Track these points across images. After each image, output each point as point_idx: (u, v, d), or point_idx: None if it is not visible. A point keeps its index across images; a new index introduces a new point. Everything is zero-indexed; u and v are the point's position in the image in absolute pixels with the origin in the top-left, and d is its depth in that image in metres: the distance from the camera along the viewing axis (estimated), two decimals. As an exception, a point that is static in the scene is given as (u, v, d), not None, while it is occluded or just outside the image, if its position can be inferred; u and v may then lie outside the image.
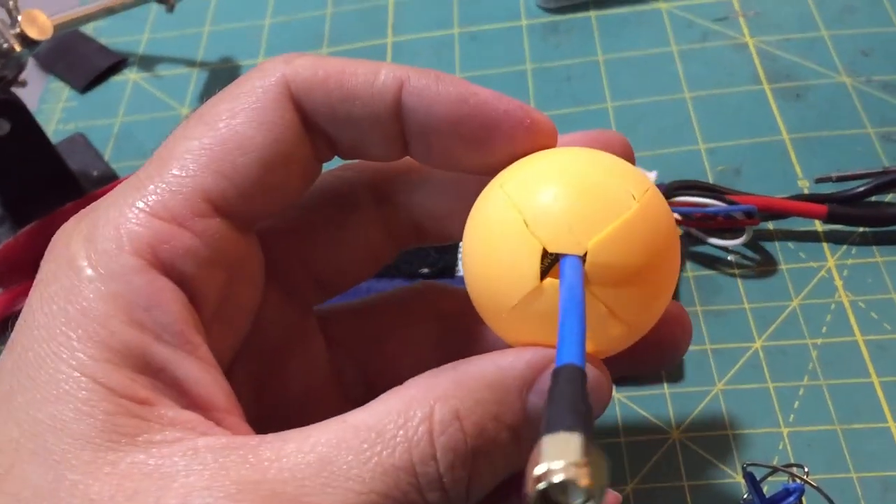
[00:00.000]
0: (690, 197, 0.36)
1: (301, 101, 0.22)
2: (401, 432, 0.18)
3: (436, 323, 0.27)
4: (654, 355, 0.24)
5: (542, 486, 0.15)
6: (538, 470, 0.15)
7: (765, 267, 0.37)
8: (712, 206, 0.36)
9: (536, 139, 0.22)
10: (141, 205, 0.20)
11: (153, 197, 0.21)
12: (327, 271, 0.26)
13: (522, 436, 0.20)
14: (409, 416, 0.19)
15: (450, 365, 0.20)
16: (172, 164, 0.21)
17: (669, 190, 0.36)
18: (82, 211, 0.22)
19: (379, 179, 0.26)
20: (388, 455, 0.18)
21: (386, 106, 0.22)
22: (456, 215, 0.24)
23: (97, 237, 0.20)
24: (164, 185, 0.21)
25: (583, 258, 0.19)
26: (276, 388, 0.25)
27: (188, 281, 0.21)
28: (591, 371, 0.20)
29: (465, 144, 0.22)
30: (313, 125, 0.22)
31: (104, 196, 0.22)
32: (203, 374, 0.20)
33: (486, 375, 0.20)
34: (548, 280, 0.20)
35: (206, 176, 0.21)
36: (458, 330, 0.27)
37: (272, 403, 0.25)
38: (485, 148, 0.22)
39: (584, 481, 0.14)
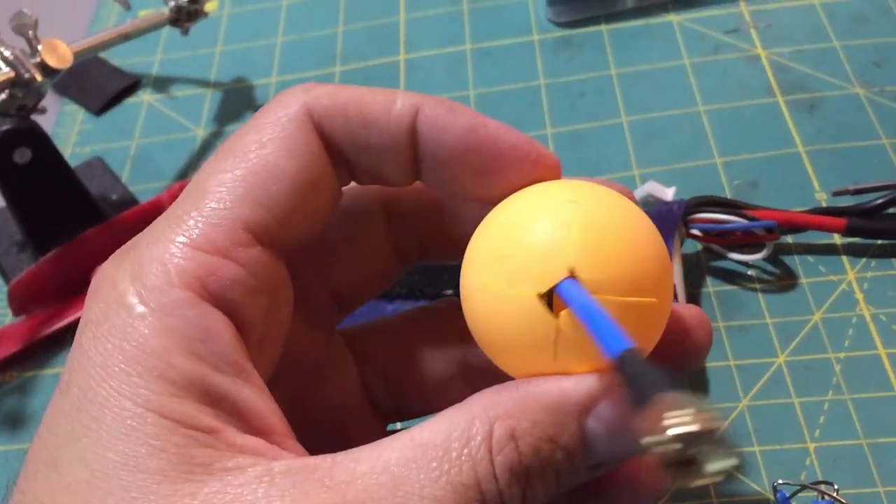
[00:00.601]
0: (710, 213, 0.36)
1: (322, 129, 0.23)
2: (465, 451, 0.19)
3: (458, 337, 0.27)
4: (678, 358, 0.25)
5: (675, 441, 0.15)
6: (668, 425, 0.15)
7: (785, 281, 0.37)
8: (732, 222, 0.36)
9: (541, 173, 0.23)
10: (184, 239, 0.21)
11: (195, 231, 0.21)
12: (343, 287, 0.27)
13: (577, 458, 0.20)
14: (471, 433, 0.19)
15: (513, 383, 0.21)
16: (208, 197, 0.21)
17: (689, 207, 0.37)
18: (120, 251, 0.22)
19: (390, 197, 0.27)
20: (457, 473, 0.19)
21: (402, 132, 0.23)
22: (460, 238, 0.25)
23: (144, 274, 0.21)
24: (203, 219, 0.21)
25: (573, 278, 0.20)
26: (310, 408, 0.26)
27: (236, 310, 0.21)
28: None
29: (472, 173, 0.23)
30: (334, 151, 0.23)
31: (141, 235, 0.22)
32: (260, 401, 0.21)
33: (546, 398, 0.20)
34: (559, 314, 0.20)
35: (243, 206, 0.21)
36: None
37: (307, 423, 0.25)
38: (492, 178, 0.23)
39: (708, 426, 0.15)
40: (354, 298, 0.28)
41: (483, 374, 0.26)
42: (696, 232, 0.37)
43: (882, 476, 0.31)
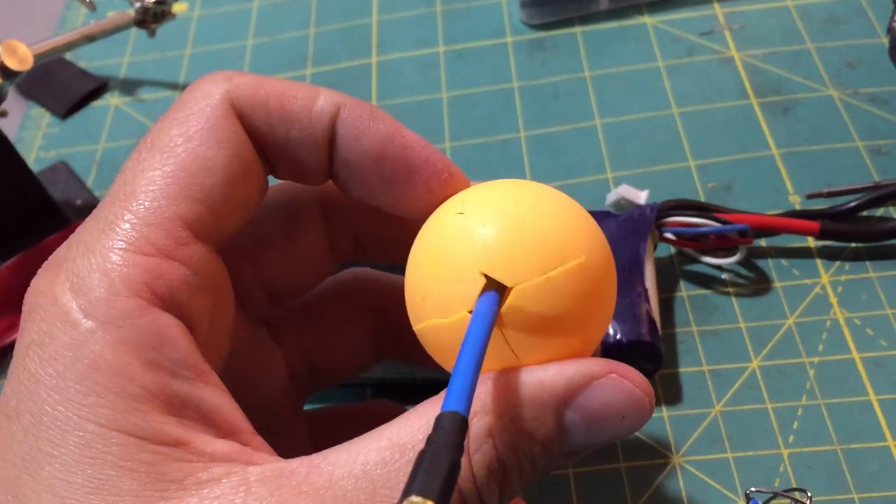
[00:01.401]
0: (683, 217, 0.36)
1: (244, 119, 0.22)
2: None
3: (369, 313, 0.28)
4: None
5: None
6: None
7: (759, 285, 0.37)
8: (706, 226, 0.36)
9: (450, 191, 0.23)
10: (122, 244, 0.20)
11: (133, 234, 0.20)
12: (277, 283, 0.27)
13: (554, 450, 0.20)
14: None
15: (488, 375, 0.20)
16: (140, 197, 0.21)
17: (662, 210, 0.36)
18: (49, 264, 0.21)
19: (326, 194, 0.27)
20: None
21: (321, 130, 0.22)
22: (396, 238, 0.25)
23: (86, 286, 0.20)
24: (138, 220, 0.20)
25: (505, 296, 0.20)
26: (247, 397, 0.25)
27: (184, 311, 0.21)
28: (631, 389, 0.20)
29: (382, 181, 0.23)
30: (255, 142, 0.23)
31: (68, 244, 0.21)
32: (222, 401, 0.20)
33: (525, 391, 0.20)
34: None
35: (179, 203, 0.21)
36: (390, 318, 0.27)
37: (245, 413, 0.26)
38: (400, 189, 0.23)
39: None
40: (288, 293, 0.28)
41: (394, 337, 0.27)
42: (669, 236, 0.36)
43: (856, 482, 0.31)
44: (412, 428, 0.19)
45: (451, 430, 0.17)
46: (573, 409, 0.20)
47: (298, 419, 0.28)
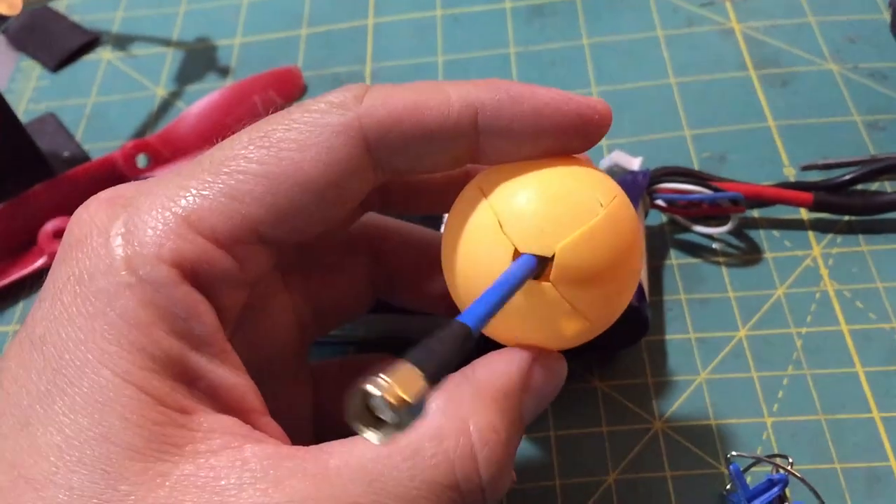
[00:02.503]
0: (676, 184, 0.36)
1: (372, 144, 0.21)
2: (440, 450, 0.19)
3: (368, 254, 0.28)
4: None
5: (357, 394, 0.16)
6: (366, 382, 0.16)
7: (750, 255, 0.36)
8: (698, 193, 0.35)
9: (600, 129, 0.23)
10: (187, 216, 0.20)
11: (202, 213, 0.20)
12: (320, 308, 0.27)
13: (522, 432, 0.22)
14: (443, 435, 0.20)
15: (460, 377, 0.21)
16: (227, 178, 0.20)
17: (654, 177, 0.36)
18: (112, 197, 0.21)
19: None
20: (432, 473, 0.19)
21: (463, 139, 0.22)
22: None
23: (139, 240, 0.20)
24: (213, 204, 0.20)
25: (551, 260, 0.21)
26: (256, 349, 0.25)
27: (217, 297, 0.21)
28: (548, 364, 0.23)
29: (535, 145, 0.22)
30: (378, 163, 0.22)
31: (140, 186, 0.21)
32: (237, 380, 0.21)
33: (499, 386, 0.21)
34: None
35: (261, 208, 0.21)
36: (389, 259, 0.28)
37: (251, 361, 0.26)
38: (552, 143, 0.22)
39: (391, 399, 0.16)
40: (328, 322, 0.28)
41: (389, 278, 0.28)
42: (660, 202, 0.36)
43: (839, 452, 0.31)
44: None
45: (455, 334, 0.18)
46: (528, 392, 0.22)
47: (304, 369, 0.28)
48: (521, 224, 0.21)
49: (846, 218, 0.37)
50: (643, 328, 0.32)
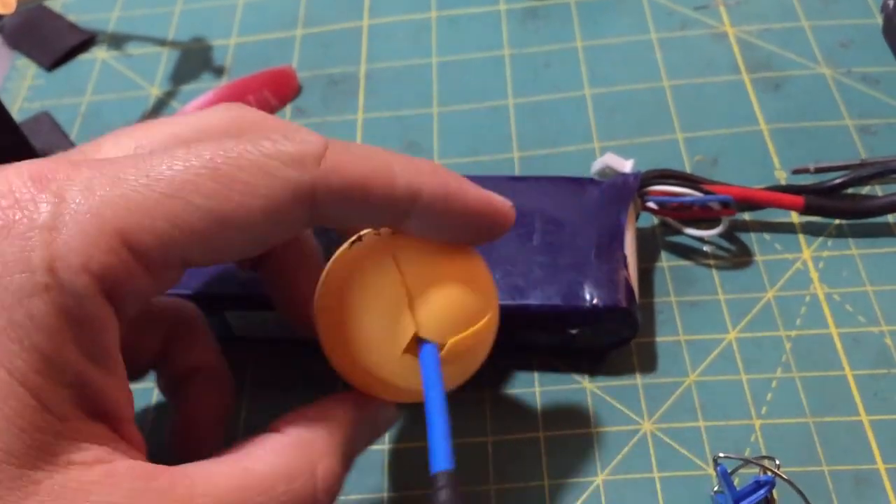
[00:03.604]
0: (666, 186, 0.36)
1: (318, 205, 0.22)
2: (290, 489, 0.22)
3: None
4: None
5: None
6: None
7: (740, 258, 0.36)
8: (688, 195, 0.35)
9: (504, 231, 0.26)
10: (121, 229, 0.19)
11: (140, 235, 0.20)
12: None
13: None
14: (294, 476, 0.22)
15: (316, 415, 0.24)
16: (174, 207, 0.20)
17: (645, 179, 0.36)
18: (45, 171, 0.20)
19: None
20: None
21: (397, 216, 0.23)
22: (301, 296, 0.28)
23: (67, 243, 0.19)
24: (153, 228, 0.20)
25: (440, 347, 0.25)
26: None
27: (126, 311, 0.21)
28: (386, 411, 0.27)
29: (453, 235, 0.25)
30: (314, 217, 0.22)
31: (81, 167, 0.20)
32: (121, 393, 0.21)
33: (346, 434, 0.24)
34: (408, 356, 0.25)
35: (198, 242, 0.20)
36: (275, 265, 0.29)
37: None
38: (467, 236, 0.25)
39: None
40: None
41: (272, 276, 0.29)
42: (651, 205, 0.36)
43: (827, 455, 0.31)
44: (265, 460, 0.22)
45: (451, 485, 0.21)
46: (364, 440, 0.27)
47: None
48: (429, 312, 0.24)
49: (836, 221, 0.37)
50: (633, 330, 0.33)
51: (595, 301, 0.32)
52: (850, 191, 0.37)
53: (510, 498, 0.31)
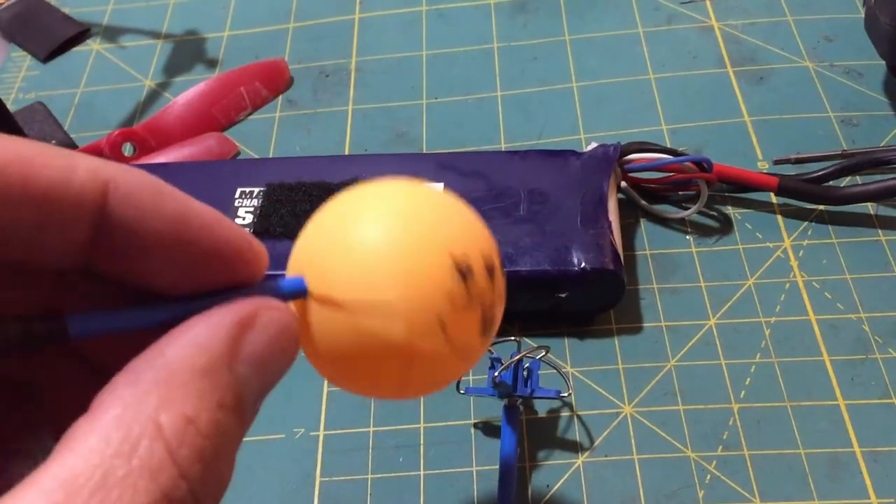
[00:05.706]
0: (644, 153, 0.37)
1: None
2: (132, 467, 0.15)
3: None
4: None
5: None
6: None
7: (722, 247, 0.37)
8: (665, 158, 0.36)
9: (253, 272, 0.19)
10: None
11: None
12: None
13: (247, 409, 0.17)
14: (133, 442, 0.15)
15: (141, 364, 0.17)
16: None
17: (625, 150, 0.37)
18: None
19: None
20: (132, 498, 0.14)
21: (85, 211, 0.17)
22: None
23: None
24: None
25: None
26: None
27: None
28: (270, 320, 0.18)
29: (176, 268, 0.18)
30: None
31: None
32: None
33: (196, 365, 0.16)
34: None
35: None
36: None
37: None
38: (196, 274, 0.18)
39: None
40: None
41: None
42: (632, 175, 0.37)
43: (804, 438, 0.31)
44: (83, 451, 0.15)
45: None
46: (242, 361, 0.17)
47: None
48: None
49: (817, 209, 0.37)
50: (619, 293, 0.33)
51: (583, 264, 0.33)
52: (830, 183, 0.38)
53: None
